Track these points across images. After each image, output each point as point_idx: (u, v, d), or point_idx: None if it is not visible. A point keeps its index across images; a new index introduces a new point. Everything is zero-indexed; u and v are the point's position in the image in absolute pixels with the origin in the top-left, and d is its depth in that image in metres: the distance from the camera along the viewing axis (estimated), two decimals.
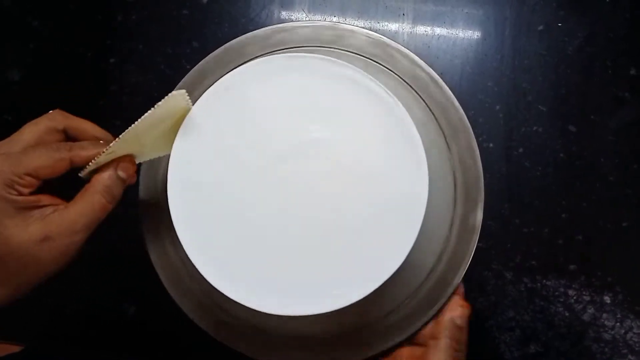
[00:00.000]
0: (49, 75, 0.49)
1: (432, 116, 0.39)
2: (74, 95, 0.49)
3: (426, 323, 0.36)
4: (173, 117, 0.34)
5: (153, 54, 0.48)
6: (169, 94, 0.31)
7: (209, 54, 0.43)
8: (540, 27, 0.46)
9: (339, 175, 0.33)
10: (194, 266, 0.32)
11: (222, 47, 0.41)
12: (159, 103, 0.31)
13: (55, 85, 0.49)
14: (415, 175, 0.32)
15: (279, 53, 0.39)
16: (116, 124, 0.48)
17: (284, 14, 0.48)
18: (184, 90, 0.32)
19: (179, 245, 0.32)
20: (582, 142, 0.45)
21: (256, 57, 0.40)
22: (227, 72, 0.35)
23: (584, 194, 0.44)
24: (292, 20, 0.48)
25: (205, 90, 0.34)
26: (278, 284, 0.32)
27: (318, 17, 0.48)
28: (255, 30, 0.43)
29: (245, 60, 0.39)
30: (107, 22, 0.49)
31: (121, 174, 0.33)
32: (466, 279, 0.39)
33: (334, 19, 0.48)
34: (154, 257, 0.40)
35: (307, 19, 0.48)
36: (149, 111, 0.31)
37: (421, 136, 0.32)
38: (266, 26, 0.42)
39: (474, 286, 0.44)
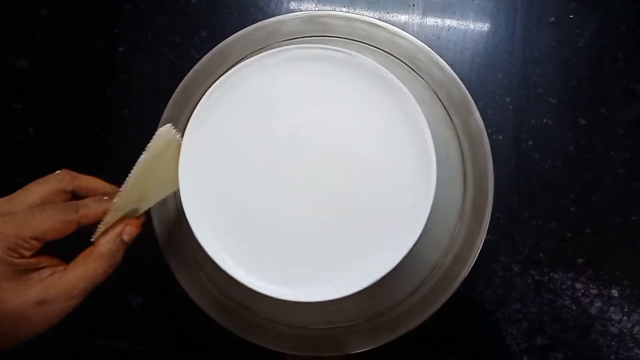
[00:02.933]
0: (57, 64, 0.49)
1: (441, 104, 0.39)
2: (81, 84, 0.49)
3: (433, 314, 0.36)
4: (166, 153, 0.34)
5: (161, 43, 0.48)
6: (157, 132, 0.31)
7: (217, 43, 0.43)
8: (552, 19, 0.46)
9: (347, 164, 0.33)
10: (204, 254, 0.32)
11: (231, 36, 0.41)
12: (149, 144, 0.31)
13: (63, 73, 0.49)
14: (423, 166, 0.32)
15: (288, 44, 0.39)
16: (124, 112, 0.48)
17: (293, 4, 0.48)
18: (169, 125, 0.32)
19: (191, 234, 0.32)
20: (591, 135, 0.44)
21: (264, 49, 0.39)
22: (236, 64, 0.35)
23: (593, 187, 0.44)
24: (301, 11, 0.48)
25: (214, 81, 0.34)
26: (283, 271, 0.32)
27: (327, 7, 0.48)
28: (264, 19, 0.43)
29: (254, 50, 0.39)
30: (116, 11, 0.49)
31: (125, 237, 0.32)
32: (474, 271, 0.39)
33: (344, 10, 0.48)
34: (163, 247, 0.40)
35: (317, 9, 0.48)
36: (142, 155, 0.31)
37: (431, 128, 0.32)
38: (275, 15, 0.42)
39: (482, 278, 0.44)
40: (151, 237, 0.41)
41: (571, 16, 0.46)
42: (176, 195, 0.35)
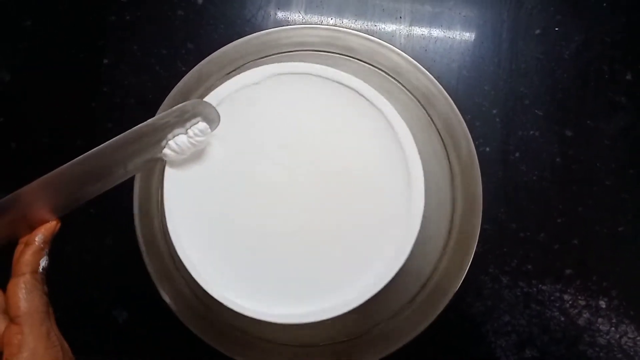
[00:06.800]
0: (41, 76, 0.48)
1: (428, 117, 0.39)
2: (66, 96, 0.48)
3: (424, 329, 0.36)
4: None
5: (147, 55, 0.48)
6: None
7: (204, 55, 0.42)
8: (538, 31, 0.46)
9: (336, 182, 0.32)
10: (188, 273, 0.31)
11: (218, 51, 0.41)
12: None
13: (47, 86, 0.48)
14: (412, 184, 0.32)
15: (278, 57, 0.39)
16: (108, 126, 0.47)
17: (280, 16, 0.48)
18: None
19: (175, 253, 0.31)
20: (578, 147, 0.45)
21: (253, 61, 0.39)
22: (223, 77, 0.34)
23: (580, 198, 0.44)
24: (288, 23, 0.48)
25: (201, 95, 0.34)
26: (273, 292, 0.32)
27: (315, 19, 0.48)
28: (251, 32, 0.42)
29: (244, 63, 0.39)
30: (101, 22, 0.49)
31: (43, 265, 0.30)
32: (462, 283, 0.38)
33: (331, 21, 0.48)
34: (148, 263, 0.39)
35: (304, 21, 0.48)
36: None
37: (417, 142, 0.32)
38: (262, 28, 0.42)
39: (471, 290, 0.43)
40: (137, 253, 0.41)
41: (557, 28, 0.46)
42: (161, 212, 0.34)
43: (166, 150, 0.32)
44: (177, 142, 0.31)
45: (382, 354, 0.37)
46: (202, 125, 0.31)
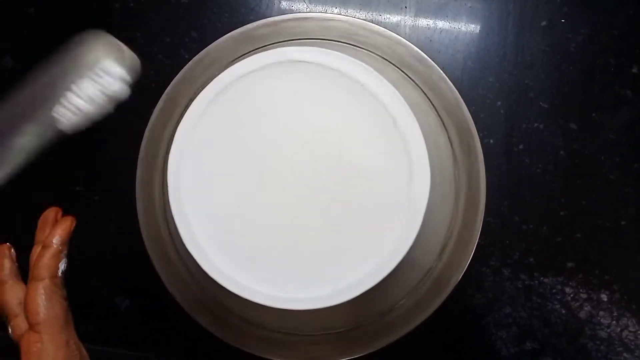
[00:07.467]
0: (44, 63, 0.48)
1: (433, 108, 0.39)
2: None
3: (425, 320, 0.36)
4: None
5: (151, 43, 0.47)
6: None
7: (207, 43, 0.42)
8: (544, 23, 0.46)
9: (339, 170, 0.32)
10: (191, 259, 0.31)
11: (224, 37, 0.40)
12: None
13: None
14: (416, 175, 0.32)
15: (282, 44, 0.39)
16: (111, 113, 0.47)
17: (285, 4, 0.48)
18: None
19: (178, 239, 0.31)
20: (583, 140, 0.44)
21: (258, 49, 0.39)
22: (226, 65, 0.34)
23: (583, 192, 0.44)
24: (292, 11, 0.47)
25: (205, 82, 0.34)
26: (275, 278, 0.32)
27: (319, 8, 0.47)
28: (255, 20, 0.42)
29: (247, 51, 0.39)
30: (104, 9, 0.48)
31: (62, 268, 0.29)
32: (464, 275, 0.39)
33: (335, 10, 0.47)
34: (150, 251, 0.39)
35: (308, 10, 0.47)
36: None
37: (422, 132, 0.32)
38: (266, 17, 0.42)
39: (472, 282, 0.43)
40: (139, 241, 0.41)
41: (563, 21, 0.46)
42: (164, 199, 0.34)
43: (63, 109, 0.26)
44: (86, 93, 0.26)
45: (382, 343, 0.37)
46: (113, 68, 0.27)
